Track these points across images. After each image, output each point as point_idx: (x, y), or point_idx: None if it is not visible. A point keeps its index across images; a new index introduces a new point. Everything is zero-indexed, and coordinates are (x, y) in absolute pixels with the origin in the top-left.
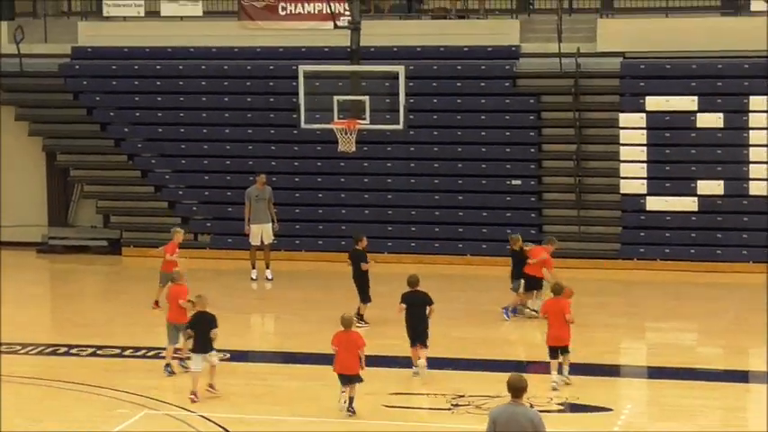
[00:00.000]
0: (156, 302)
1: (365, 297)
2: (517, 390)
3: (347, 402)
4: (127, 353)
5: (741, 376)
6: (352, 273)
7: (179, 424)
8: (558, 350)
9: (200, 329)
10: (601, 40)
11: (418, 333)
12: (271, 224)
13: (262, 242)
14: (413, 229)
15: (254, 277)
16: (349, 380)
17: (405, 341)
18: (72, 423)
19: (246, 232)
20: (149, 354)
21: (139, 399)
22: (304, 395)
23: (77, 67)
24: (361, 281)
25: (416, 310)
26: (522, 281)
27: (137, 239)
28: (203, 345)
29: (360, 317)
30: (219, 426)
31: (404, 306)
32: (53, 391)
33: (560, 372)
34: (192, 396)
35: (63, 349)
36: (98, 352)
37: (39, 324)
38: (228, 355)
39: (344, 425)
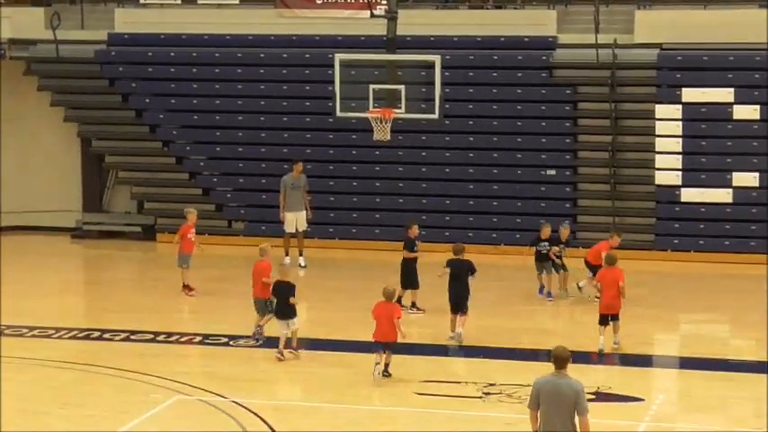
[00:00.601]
0: (186, 286)
1: (406, 283)
2: (561, 360)
3: (383, 367)
4: (160, 338)
5: None
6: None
7: (211, 409)
8: (608, 317)
9: (281, 297)
10: (638, 31)
11: (460, 301)
12: (305, 212)
13: (296, 230)
14: (447, 218)
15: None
16: (387, 347)
17: (437, 329)
18: (105, 407)
19: (281, 219)
20: (182, 339)
21: (172, 384)
22: (337, 382)
23: (113, 53)
24: (405, 268)
25: (459, 277)
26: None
27: (171, 226)
28: (283, 311)
29: (399, 301)
30: (252, 412)
31: (447, 270)
32: (86, 376)
33: (615, 340)
34: (278, 355)
35: (96, 334)
36: (131, 337)
37: (72, 309)
38: (261, 342)
39: (377, 412)
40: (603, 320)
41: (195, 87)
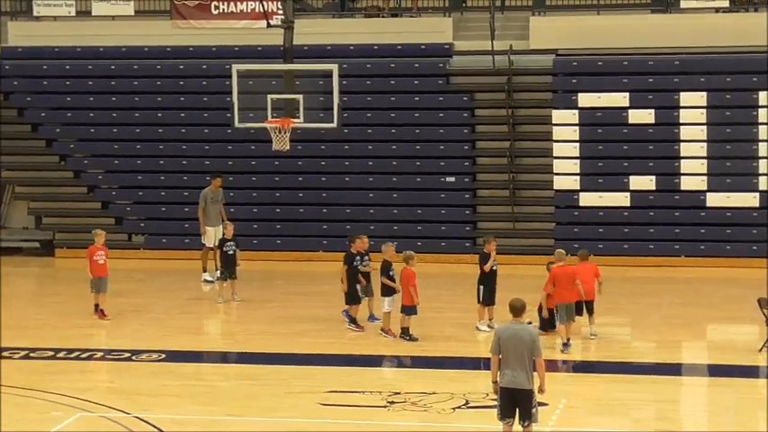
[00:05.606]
0: (99, 310)
1: (348, 299)
2: (517, 309)
3: (402, 332)
4: (60, 355)
5: (674, 369)
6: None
7: (114, 426)
8: (583, 305)
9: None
10: (533, 37)
11: None
12: (222, 227)
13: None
14: (347, 227)
15: (211, 279)
16: (401, 310)
17: (340, 340)
18: (5, 426)
19: (203, 233)
20: (83, 356)
21: (74, 401)
22: (240, 395)
23: (7, 67)
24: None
25: None
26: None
27: (70, 241)
28: (383, 289)
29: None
30: (154, 426)
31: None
32: None
33: (592, 330)
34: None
35: None
36: (31, 354)
37: None
38: (164, 356)
39: (281, 424)
40: (577, 308)
41: (92, 100)
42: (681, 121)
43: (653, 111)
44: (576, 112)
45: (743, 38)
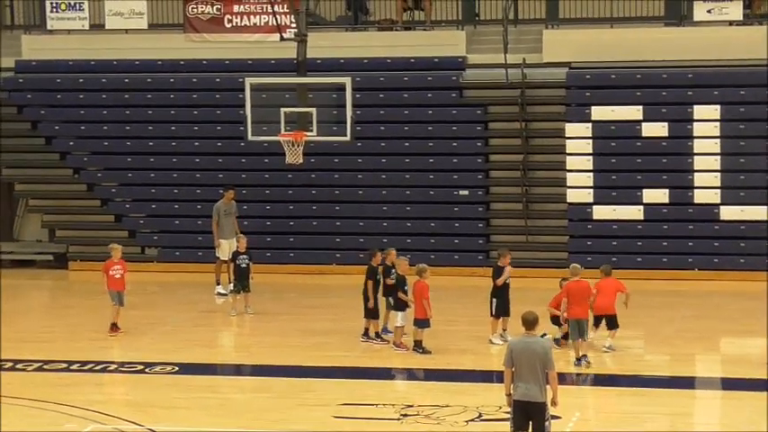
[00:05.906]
0: (113, 325)
1: (368, 313)
2: (530, 322)
3: (415, 345)
4: (74, 367)
5: (688, 383)
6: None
7: None
8: (601, 318)
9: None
10: (546, 50)
11: None
12: (236, 239)
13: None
14: (361, 240)
15: (224, 291)
16: (414, 322)
17: (353, 352)
18: None
19: (216, 246)
20: (96, 368)
21: (87, 413)
22: (253, 407)
23: (21, 80)
24: (365, 296)
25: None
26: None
27: (83, 253)
28: (396, 304)
29: (376, 335)
30: None
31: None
32: None
33: (608, 343)
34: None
35: (8, 364)
36: (44, 367)
37: None
38: (177, 368)
39: None
40: (597, 321)
41: (105, 113)
42: (694, 135)
43: (666, 124)
44: (590, 125)
45: (756, 51)
